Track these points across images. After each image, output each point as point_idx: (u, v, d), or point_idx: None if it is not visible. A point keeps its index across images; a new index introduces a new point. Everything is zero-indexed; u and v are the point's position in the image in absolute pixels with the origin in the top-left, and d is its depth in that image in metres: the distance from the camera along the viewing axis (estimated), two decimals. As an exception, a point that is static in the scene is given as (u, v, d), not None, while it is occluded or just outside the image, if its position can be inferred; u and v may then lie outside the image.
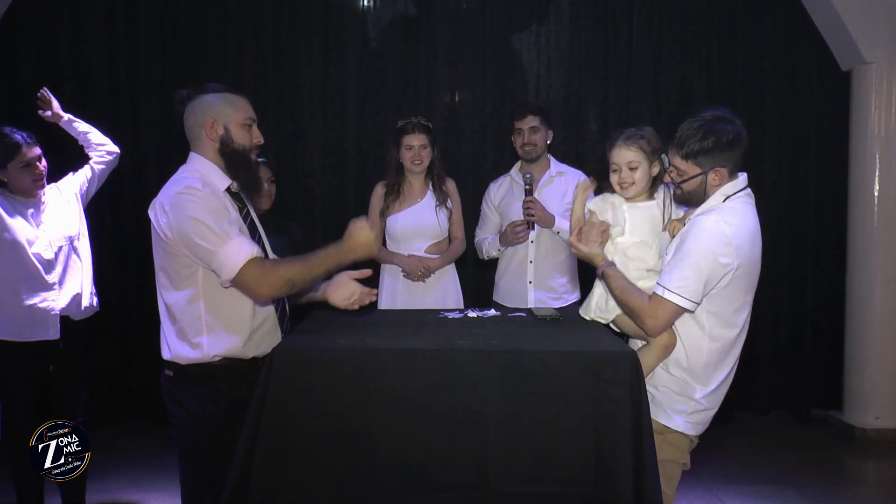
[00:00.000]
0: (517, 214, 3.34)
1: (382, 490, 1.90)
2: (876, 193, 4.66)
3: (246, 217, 2.21)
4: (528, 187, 3.27)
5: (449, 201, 3.45)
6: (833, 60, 4.85)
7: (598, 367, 1.93)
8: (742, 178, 2.20)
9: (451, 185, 3.50)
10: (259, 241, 2.20)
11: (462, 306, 3.41)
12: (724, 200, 2.14)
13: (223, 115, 2.15)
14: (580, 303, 3.51)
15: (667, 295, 2.07)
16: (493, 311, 2.54)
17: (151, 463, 4.04)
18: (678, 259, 2.09)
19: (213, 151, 2.16)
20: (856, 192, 4.75)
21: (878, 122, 4.64)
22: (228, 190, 2.17)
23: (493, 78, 4.85)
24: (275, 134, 4.74)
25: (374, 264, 3.55)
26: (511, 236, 3.36)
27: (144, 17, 4.67)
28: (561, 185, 3.48)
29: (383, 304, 3.42)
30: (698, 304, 2.08)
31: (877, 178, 4.65)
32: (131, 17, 4.67)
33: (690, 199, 2.20)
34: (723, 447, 2.25)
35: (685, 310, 2.08)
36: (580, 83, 4.87)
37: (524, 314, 2.56)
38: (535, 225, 3.28)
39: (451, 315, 2.50)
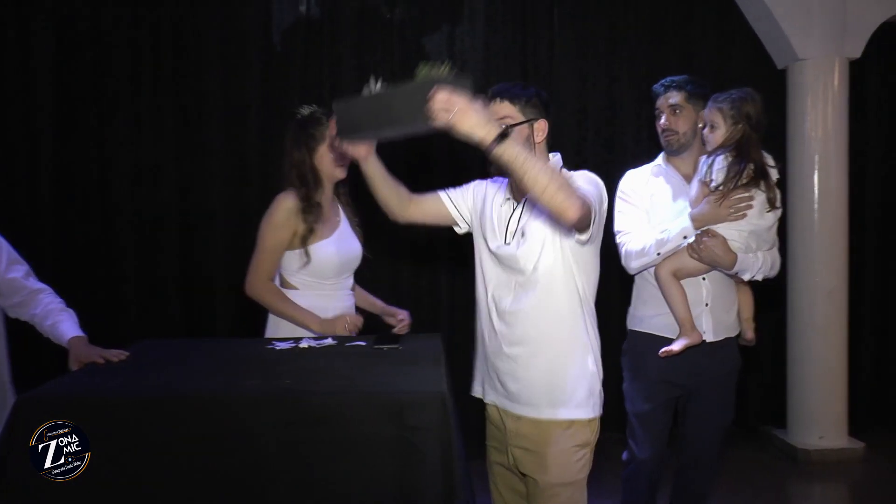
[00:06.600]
0: None
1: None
2: (815, 198, 4.38)
3: None
4: None
5: None
6: (768, 58, 4.60)
7: (399, 410, 1.65)
8: None
9: None
10: None
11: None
12: None
13: None
14: None
15: None
16: (329, 340, 2.25)
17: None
18: None
19: None
20: (795, 197, 4.45)
21: (815, 122, 4.36)
22: None
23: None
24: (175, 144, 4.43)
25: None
26: None
27: (38, 23, 4.38)
28: None
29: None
30: None
31: (816, 182, 4.38)
32: (23, 25, 4.37)
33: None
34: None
35: None
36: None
37: (363, 343, 2.27)
38: None
39: (279, 346, 2.21)
